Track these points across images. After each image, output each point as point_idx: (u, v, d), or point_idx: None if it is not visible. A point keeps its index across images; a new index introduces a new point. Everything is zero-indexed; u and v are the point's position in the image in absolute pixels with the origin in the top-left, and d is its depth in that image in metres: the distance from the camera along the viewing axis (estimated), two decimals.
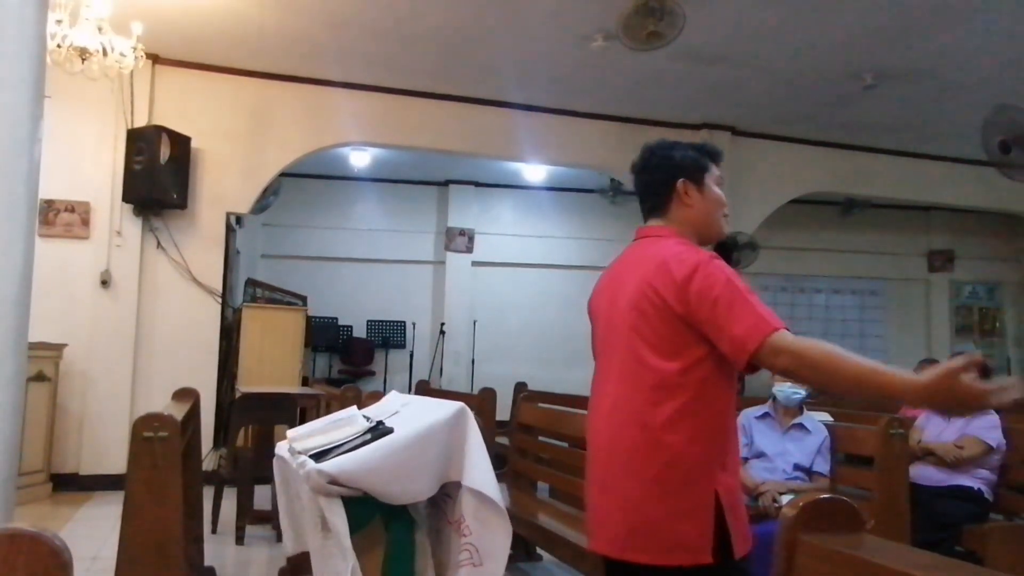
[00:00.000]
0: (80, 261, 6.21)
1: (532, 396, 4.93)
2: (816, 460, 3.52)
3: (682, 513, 1.71)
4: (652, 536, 1.73)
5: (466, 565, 2.34)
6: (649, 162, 1.99)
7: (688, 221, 1.94)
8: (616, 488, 1.80)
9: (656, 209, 1.98)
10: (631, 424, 1.78)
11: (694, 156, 1.97)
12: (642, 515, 1.74)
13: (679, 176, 1.94)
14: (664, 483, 1.73)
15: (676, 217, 1.95)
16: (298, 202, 9.65)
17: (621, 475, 1.79)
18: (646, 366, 1.78)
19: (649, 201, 1.99)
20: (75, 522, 5.09)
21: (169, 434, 2.33)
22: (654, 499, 1.73)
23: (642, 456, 1.75)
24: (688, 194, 1.93)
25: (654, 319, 1.78)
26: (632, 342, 1.81)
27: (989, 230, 10.58)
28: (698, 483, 1.73)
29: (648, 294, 1.79)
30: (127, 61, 5.08)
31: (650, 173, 1.99)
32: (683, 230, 1.93)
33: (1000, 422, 3.85)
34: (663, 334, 1.77)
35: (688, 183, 1.93)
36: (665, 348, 1.76)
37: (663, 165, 1.96)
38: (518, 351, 10.00)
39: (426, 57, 6.39)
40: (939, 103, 7.01)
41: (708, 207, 1.96)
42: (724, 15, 5.42)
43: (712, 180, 1.97)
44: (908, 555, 1.06)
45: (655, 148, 2.00)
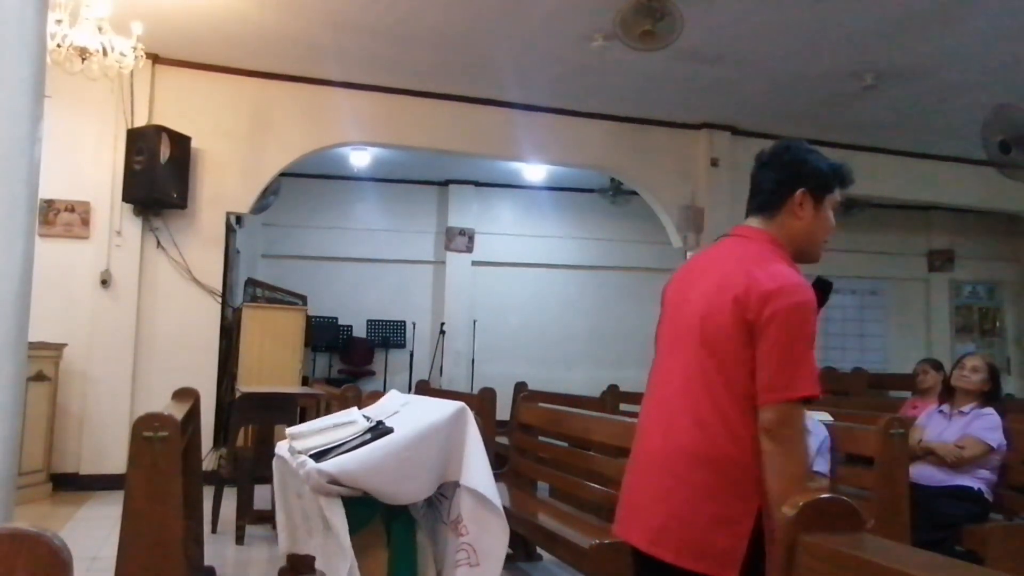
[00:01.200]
0: (80, 261, 6.21)
1: (532, 396, 4.93)
2: (816, 460, 3.51)
3: (722, 523, 1.68)
4: (685, 538, 1.70)
5: (463, 565, 2.34)
6: (780, 158, 1.89)
7: (791, 234, 1.84)
8: (662, 482, 1.76)
9: (764, 209, 1.87)
10: (694, 425, 1.73)
11: (825, 171, 1.86)
12: (682, 515, 1.71)
13: (802, 185, 1.84)
14: (713, 489, 1.69)
15: (781, 224, 1.85)
16: (298, 202, 9.65)
17: (671, 471, 1.75)
18: (716, 368, 1.73)
19: (761, 197, 1.89)
20: (75, 522, 5.09)
21: (169, 434, 2.33)
22: (698, 502, 1.70)
23: (698, 458, 1.71)
24: (803, 206, 1.83)
25: (724, 325, 1.72)
26: (704, 340, 1.76)
27: (989, 230, 10.58)
28: (746, 495, 1.68)
29: (722, 299, 1.73)
30: (127, 61, 5.08)
31: (775, 170, 1.88)
32: (782, 240, 1.84)
33: (1001, 422, 3.85)
34: (732, 341, 1.71)
35: (807, 195, 1.83)
36: (737, 353, 1.71)
37: (791, 167, 1.86)
38: (518, 351, 10.00)
39: (426, 57, 6.39)
40: (939, 103, 7.01)
41: (816, 228, 1.86)
42: (724, 15, 5.42)
43: (831, 203, 1.88)
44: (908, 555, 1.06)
45: (791, 146, 1.90)
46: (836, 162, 1.90)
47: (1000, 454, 3.82)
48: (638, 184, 8.08)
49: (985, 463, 3.81)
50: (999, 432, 3.82)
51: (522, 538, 3.99)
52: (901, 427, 3.32)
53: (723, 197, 7.82)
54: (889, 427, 3.27)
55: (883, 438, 3.25)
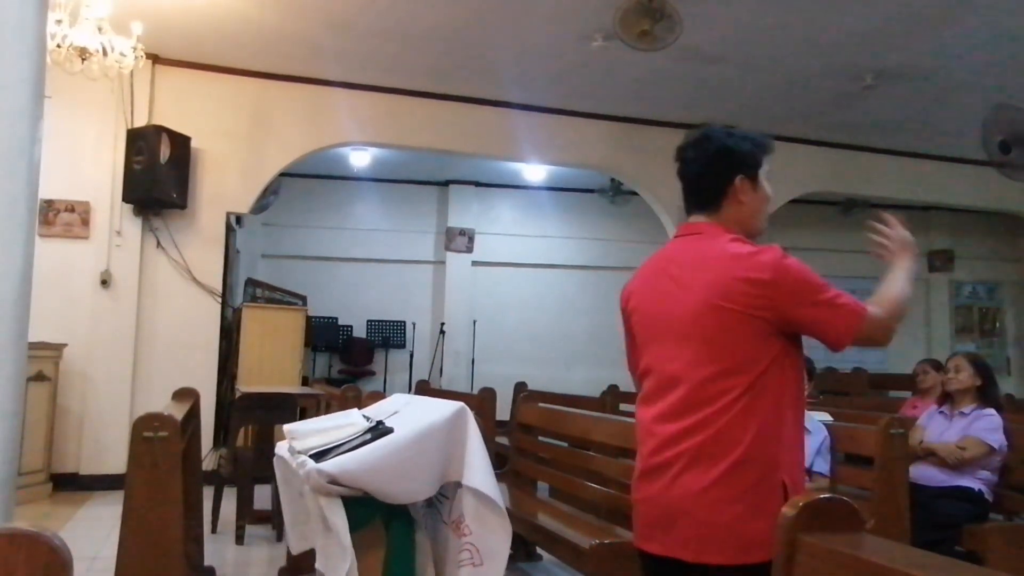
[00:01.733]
0: (80, 261, 6.21)
1: (532, 396, 4.93)
2: (816, 460, 3.51)
3: (755, 510, 1.69)
4: (728, 537, 1.69)
5: (467, 565, 2.34)
6: (705, 150, 1.86)
7: (738, 219, 1.85)
8: (688, 488, 1.74)
9: (707, 205, 1.86)
10: (703, 425, 1.73)
11: (751, 150, 1.86)
12: (716, 516, 1.70)
13: (736, 172, 1.83)
14: (737, 482, 1.70)
15: (727, 214, 1.84)
16: (298, 202, 9.65)
17: (696, 476, 1.73)
18: (716, 371, 1.73)
19: (700, 195, 1.87)
20: (75, 522, 5.09)
21: (169, 434, 2.33)
22: (727, 499, 1.70)
23: (714, 456, 1.71)
24: (744, 191, 1.84)
25: (723, 324, 1.72)
26: (700, 347, 1.76)
27: (989, 230, 10.58)
28: (768, 478, 1.71)
29: (721, 299, 1.73)
30: (127, 61, 5.08)
31: (704, 164, 1.86)
32: (733, 227, 1.84)
33: (1002, 423, 3.85)
34: (738, 337, 1.72)
35: (745, 180, 1.83)
36: (739, 350, 1.72)
37: (722, 158, 1.84)
38: (518, 351, 10.00)
39: (426, 57, 6.39)
40: (939, 103, 7.01)
41: (760, 205, 1.87)
42: (724, 15, 5.42)
43: (763, 175, 1.87)
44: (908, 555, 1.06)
45: (710, 135, 1.87)
46: (754, 135, 1.90)
47: (1001, 455, 3.82)
48: (638, 184, 8.08)
49: (986, 464, 3.81)
50: (1000, 433, 3.81)
51: (522, 538, 3.99)
52: (901, 427, 3.32)
53: None
54: (889, 427, 3.27)
55: (883, 438, 3.25)
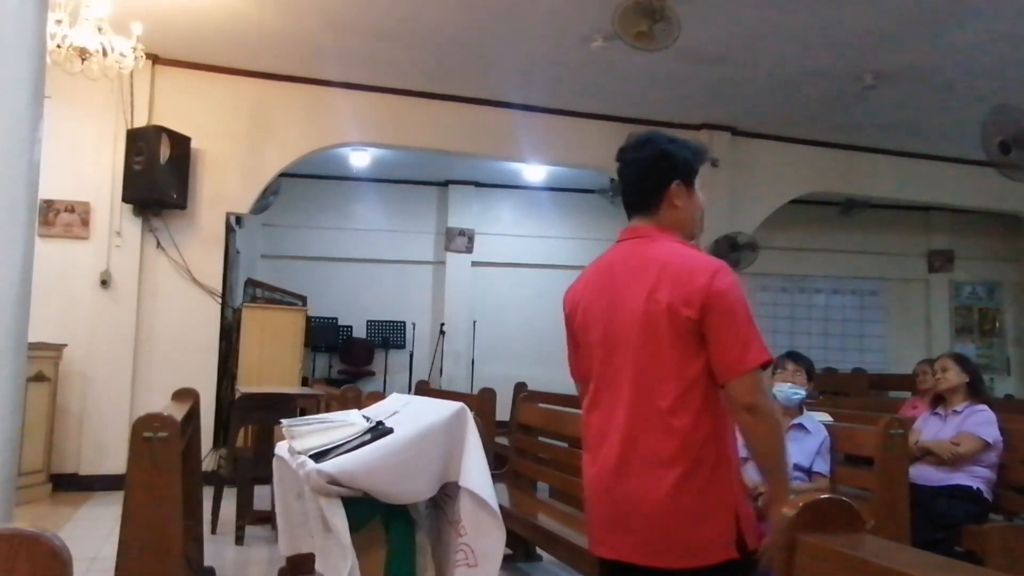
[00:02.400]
0: (80, 261, 6.21)
1: (532, 396, 4.93)
2: (816, 460, 3.51)
3: (708, 513, 1.73)
4: (678, 541, 1.72)
5: (461, 565, 2.34)
6: (643, 155, 1.90)
7: (676, 223, 1.90)
8: (634, 492, 1.76)
9: (645, 209, 1.91)
10: (652, 430, 1.76)
11: (689, 157, 1.91)
12: (667, 522, 1.73)
13: (674, 178, 1.88)
14: (689, 486, 1.72)
15: (664, 219, 1.89)
16: (298, 202, 9.65)
17: (641, 480, 1.75)
18: (662, 374, 1.76)
19: (638, 197, 1.92)
20: (75, 522, 5.09)
21: (169, 434, 2.33)
22: (681, 505, 1.72)
23: (665, 461, 1.74)
24: (679, 196, 1.89)
25: (668, 326, 1.75)
26: (646, 350, 1.78)
27: (989, 230, 10.57)
28: (720, 482, 1.75)
29: (660, 304, 1.76)
30: (127, 61, 5.08)
31: (643, 168, 1.91)
32: (671, 231, 1.90)
33: (996, 418, 3.86)
34: (678, 339, 1.75)
35: (681, 185, 1.89)
36: (682, 352, 1.75)
37: (659, 163, 1.89)
38: (518, 351, 9.99)
39: (426, 57, 6.39)
40: (939, 103, 7.01)
41: (694, 210, 1.93)
42: (724, 15, 5.42)
43: (698, 182, 1.94)
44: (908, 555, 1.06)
45: (651, 139, 1.91)
46: (692, 143, 1.96)
47: (996, 450, 3.83)
48: None
49: (982, 460, 3.81)
50: (994, 427, 3.83)
51: (522, 538, 3.99)
52: (901, 427, 3.32)
53: (723, 197, 7.81)
54: (889, 427, 3.27)
55: (883, 438, 3.25)
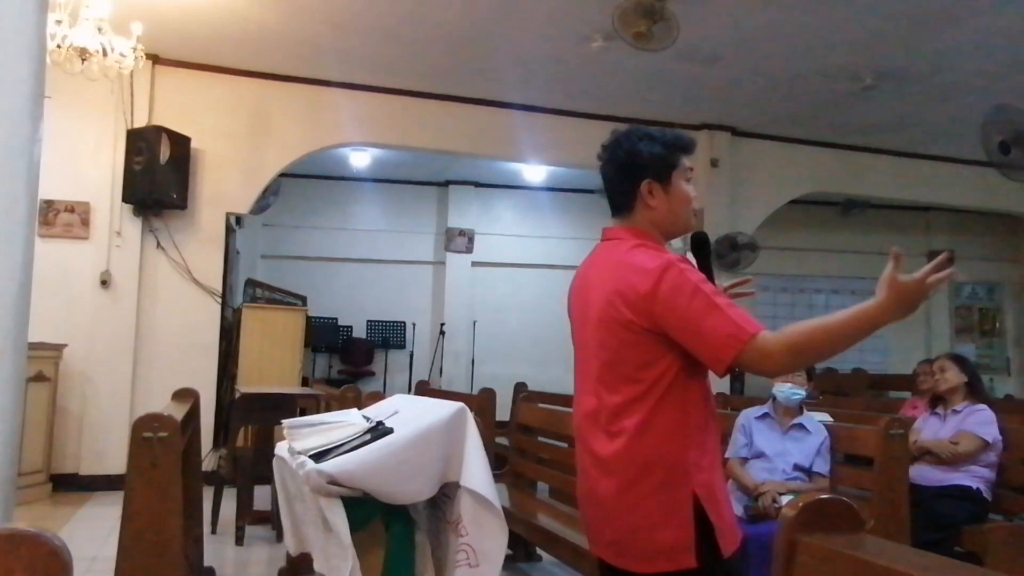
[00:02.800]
0: (80, 261, 6.21)
1: (532, 396, 4.93)
2: (816, 460, 3.51)
3: (660, 519, 1.69)
4: (634, 544, 1.72)
5: (462, 566, 2.34)
6: (615, 156, 1.86)
7: (653, 223, 1.85)
8: (597, 496, 1.79)
9: (620, 209, 1.88)
10: (601, 433, 1.77)
11: (661, 153, 1.82)
12: (622, 523, 1.73)
13: (644, 177, 1.81)
14: (639, 490, 1.70)
15: (640, 220, 1.85)
16: (298, 202, 9.65)
17: (599, 484, 1.77)
18: (613, 376, 1.76)
19: (614, 199, 1.89)
20: (75, 522, 5.09)
21: (169, 434, 2.33)
22: (629, 507, 1.71)
23: (615, 465, 1.73)
24: (653, 194, 1.82)
25: (619, 331, 1.74)
26: (600, 352, 1.79)
27: (989, 230, 10.58)
28: (673, 486, 1.69)
29: (612, 308, 1.75)
30: (127, 61, 5.08)
31: (615, 169, 1.87)
32: (648, 230, 1.84)
33: (995, 418, 3.86)
34: (629, 344, 1.73)
35: (653, 184, 1.82)
36: (632, 358, 1.73)
37: (628, 164, 1.84)
38: (518, 351, 9.99)
39: (426, 58, 6.39)
40: (939, 103, 7.01)
41: (674, 207, 1.84)
42: (724, 15, 5.42)
43: (681, 176, 1.84)
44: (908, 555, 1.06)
45: (622, 140, 1.86)
46: (669, 134, 1.86)
47: (995, 450, 3.83)
48: None
49: (982, 459, 3.81)
50: (994, 427, 3.83)
51: (522, 538, 3.99)
52: (901, 427, 3.31)
53: (723, 197, 7.82)
54: (889, 427, 3.27)
55: (883, 438, 3.25)
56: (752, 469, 3.60)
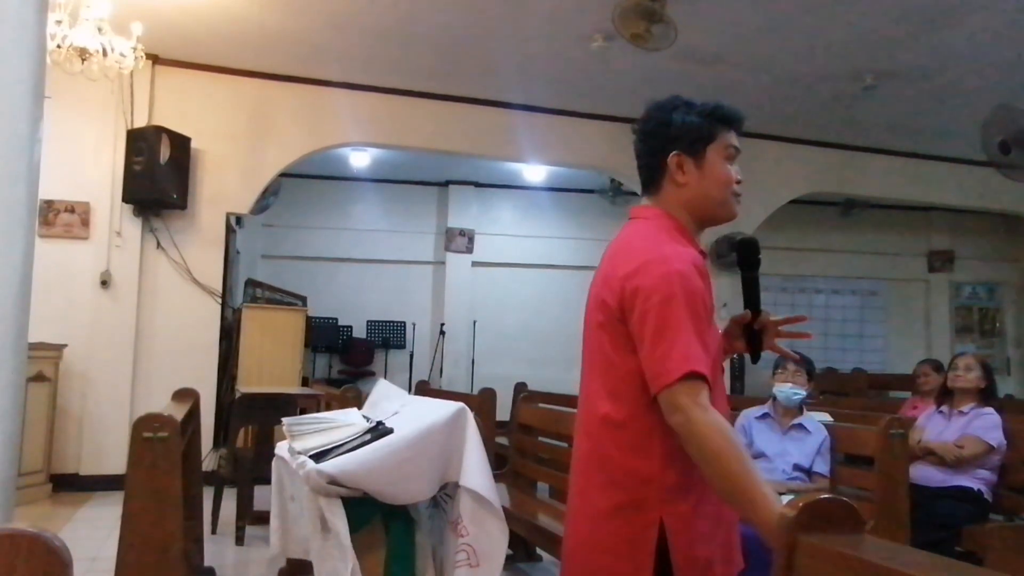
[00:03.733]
0: (80, 261, 6.21)
1: (532, 396, 4.93)
2: (816, 461, 3.51)
3: (619, 541, 1.51)
4: (584, 562, 1.58)
5: (463, 566, 2.34)
6: (645, 127, 1.67)
7: (681, 203, 1.63)
8: (572, 504, 1.66)
9: (647, 186, 1.68)
10: (583, 435, 1.63)
11: (696, 123, 1.61)
12: (581, 536, 1.59)
13: (673, 148, 1.61)
14: (604, 501, 1.53)
15: (667, 198, 1.64)
16: (298, 202, 9.65)
17: (576, 491, 1.64)
18: (594, 371, 1.61)
19: (641, 173, 1.69)
20: (75, 522, 5.09)
21: (169, 434, 2.33)
22: (594, 520, 1.55)
23: (589, 470, 1.59)
24: (683, 169, 1.61)
25: (598, 317, 1.58)
26: (589, 340, 1.63)
27: (989, 230, 10.58)
28: (640, 506, 1.50)
29: (602, 289, 1.59)
30: (127, 61, 5.08)
31: (643, 141, 1.68)
32: (676, 212, 1.63)
33: (1001, 421, 3.85)
34: (607, 334, 1.56)
35: (683, 156, 1.61)
36: (610, 350, 1.55)
37: (658, 133, 1.64)
38: (518, 351, 9.99)
39: (426, 57, 6.39)
40: (939, 103, 7.01)
41: (707, 186, 1.61)
42: (724, 15, 5.42)
43: (718, 152, 1.62)
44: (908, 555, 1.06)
45: (654, 109, 1.67)
46: (709, 104, 1.65)
47: (1000, 453, 3.82)
48: (638, 185, 8.08)
49: (985, 463, 3.81)
50: (999, 431, 3.81)
51: (522, 538, 3.99)
52: (901, 427, 3.32)
53: None
54: (889, 427, 3.27)
55: (883, 439, 3.25)
56: None
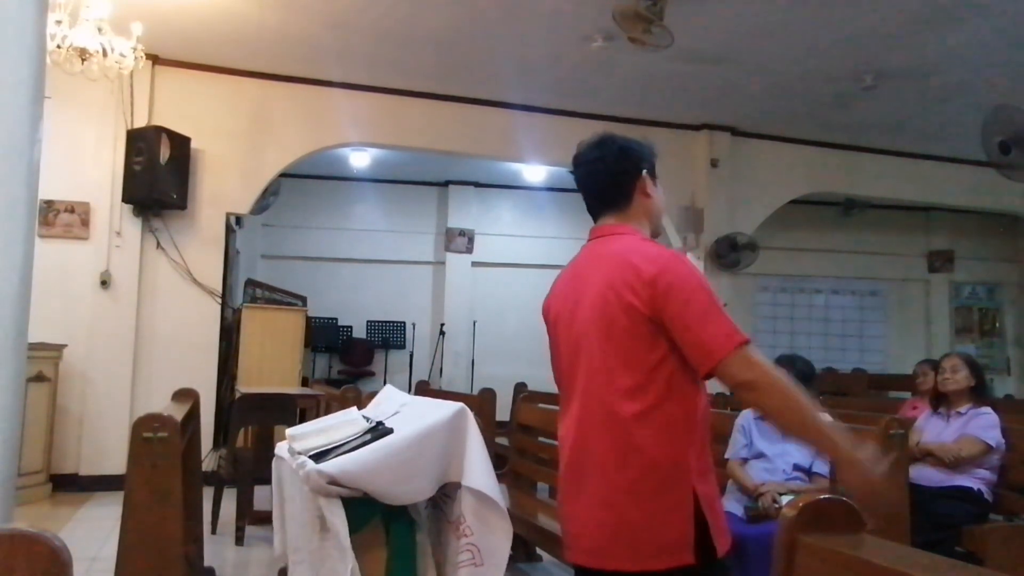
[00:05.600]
0: (80, 262, 6.21)
1: (532, 396, 4.93)
2: (816, 461, 3.51)
3: (661, 516, 1.68)
4: (633, 542, 1.69)
5: (467, 565, 2.34)
6: (609, 149, 1.90)
7: (647, 215, 1.91)
8: (591, 497, 1.75)
9: (615, 202, 1.90)
10: (603, 431, 1.73)
11: (648, 149, 1.94)
12: (622, 522, 1.70)
13: (641, 167, 1.90)
14: (641, 488, 1.69)
15: (635, 212, 1.90)
16: (298, 203, 9.65)
17: (596, 484, 1.74)
18: (613, 370, 1.73)
19: (608, 193, 1.91)
20: (75, 522, 5.09)
21: (169, 434, 2.33)
22: (632, 506, 1.69)
23: (616, 463, 1.71)
24: (649, 185, 1.91)
25: (620, 320, 1.72)
26: (598, 346, 1.75)
27: (989, 230, 10.58)
28: (676, 485, 1.69)
29: (612, 295, 1.73)
30: (127, 62, 5.08)
31: (613, 161, 1.90)
32: (640, 226, 1.89)
33: (999, 421, 3.85)
34: (629, 335, 1.71)
35: (648, 176, 1.91)
36: (632, 350, 1.71)
37: (624, 157, 1.90)
38: (518, 351, 9.96)
39: (426, 58, 6.39)
40: (939, 103, 7.01)
41: (660, 202, 1.95)
42: (724, 16, 5.42)
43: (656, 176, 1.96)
44: (908, 555, 1.06)
45: (607, 138, 1.92)
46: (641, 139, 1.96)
47: (999, 453, 3.82)
48: None
49: (984, 463, 3.81)
50: (997, 431, 3.81)
51: (522, 538, 3.99)
52: (901, 428, 3.31)
53: (723, 198, 7.82)
54: (889, 428, 3.26)
55: (883, 439, 3.24)
56: (752, 469, 3.60)
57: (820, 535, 1.11)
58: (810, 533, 1.12)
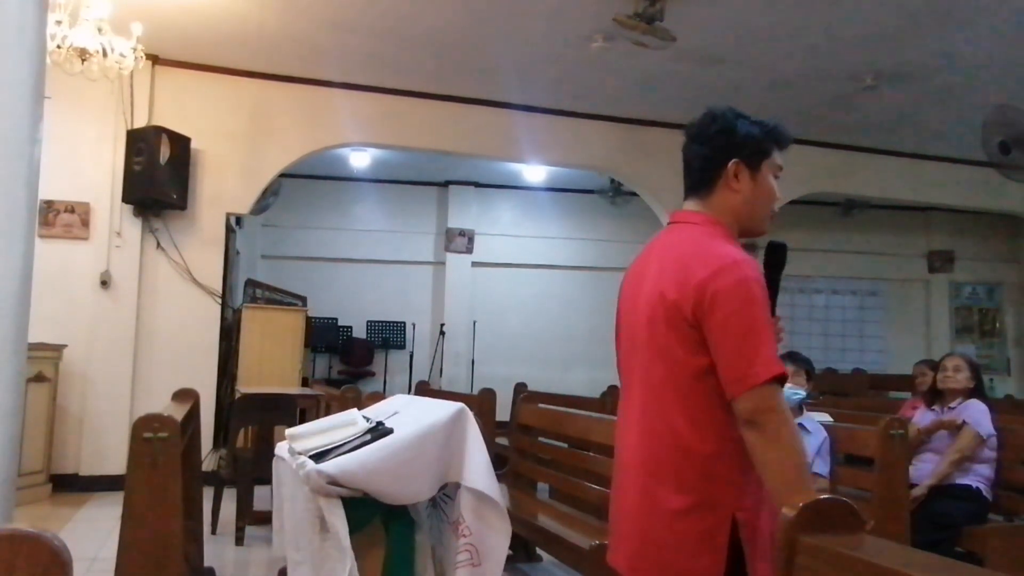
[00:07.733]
0: (80, 262, 6.21)
1: (532, 397, 4.93)
2: (816, 461, 3.51)
3: (692, 544, 1.56)
4: (659, 563, 1.59)
5: (465, 565, 2.34)
6: (707, 130, 1.72)
7: (731, 209, 1.69)
8: (631, 500, 1.67)
9: (698, 188, 1.72)
10: (651, 434, 1.63)
11: (758, 135, 1.71)
12: (654, 535, 1.60)
13: (734, 155, 1.68)
14: (677, 504, 1.57)
15: (718, 202, 1.69)
16: (298, 203, 9.66)
17: (637, 489, 1.65)
18: (665, 375, 1.61)
19: (693, 176, 1.73)
20: (75, 522, 5.09)
21: (169, 434, 2.33)
22: (667, 520, 1.58)
23: (657, 474, 1.61)
24: (739, 178, 1.68)
25: (667, 319, 1.59)
26: (651, 343, 1.64)
27: (989, 230, 10.58)
28: (717, 504, 1.55)
29: (661, 291, 1.61)
30: (127, 62, 5.08)
31: (703, 144, 1.71)
32: (723, 219, 1.69)
33: (989, 410, 3.87)
34: (677, 336, 1.58)
35: (742, 165, 1.68)
36: (681, 351, 1.58)
37: (720, 138, 1.70)
38: (518, 352, 9.99)
39: (426, 58, 6.39)
40: (939, 103, 7.01)
41: (756, 197, 1.70)
42: (724, 16, 5.42)
43: (770, 168, 1.72)
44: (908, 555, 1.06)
45: (718, 115, 1.73)
46: (769, 121, 1.75)
47: (991, 444, 3.83)
48: (638, 185, 8.08)
49: (979, 456, 3.82)
50: (988, 418, 3.84)
51: (522, 539, 3.99)
52: (901, 428, 3.32)
53: None
54: (889, 428, 3.27)
55: (883, 439, 3.25)
56: None
57: (820, 535, 1.11)
58: (810, 533, 1.12)
